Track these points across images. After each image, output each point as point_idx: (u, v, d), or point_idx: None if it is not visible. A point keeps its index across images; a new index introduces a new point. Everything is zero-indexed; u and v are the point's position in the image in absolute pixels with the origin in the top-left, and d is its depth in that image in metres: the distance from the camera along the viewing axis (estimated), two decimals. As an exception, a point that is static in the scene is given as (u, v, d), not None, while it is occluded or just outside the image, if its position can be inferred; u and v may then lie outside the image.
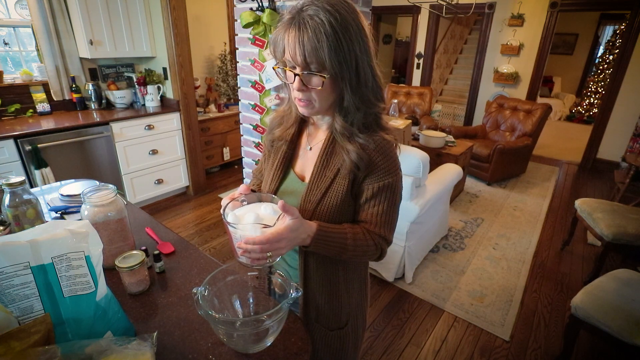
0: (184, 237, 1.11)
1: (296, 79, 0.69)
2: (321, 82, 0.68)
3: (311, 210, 0.77)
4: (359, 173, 0.76)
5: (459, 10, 4.28)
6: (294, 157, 0.86)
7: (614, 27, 7.15)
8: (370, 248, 0.77)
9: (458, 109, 6.45)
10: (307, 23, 0.63)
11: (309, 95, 0.71)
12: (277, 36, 0.70)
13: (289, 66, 0.70)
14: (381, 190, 0.76)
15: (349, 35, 0.65)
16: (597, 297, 1.62)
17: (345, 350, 0.94)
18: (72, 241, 0.63)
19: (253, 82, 1.87)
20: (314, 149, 0.83)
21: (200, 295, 0.68)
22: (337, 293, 0.87)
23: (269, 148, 0.91)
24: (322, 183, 0.78)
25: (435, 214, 2.53)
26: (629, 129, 4.27)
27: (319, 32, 0.63)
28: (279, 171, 0.84)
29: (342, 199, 0.77)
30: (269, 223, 0.69)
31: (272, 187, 0.84)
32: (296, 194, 0.81)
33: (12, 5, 2.66)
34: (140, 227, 1.19)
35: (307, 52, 0.64)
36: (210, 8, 3.88)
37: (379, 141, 0.75)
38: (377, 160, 0.75)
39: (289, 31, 0.66)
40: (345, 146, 0.75)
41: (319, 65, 0.66)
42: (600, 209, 2.40)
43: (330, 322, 0.90)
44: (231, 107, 4.02)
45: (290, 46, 0.66)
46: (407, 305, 2.16)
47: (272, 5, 1.63)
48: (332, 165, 0.78)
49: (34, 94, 2.72)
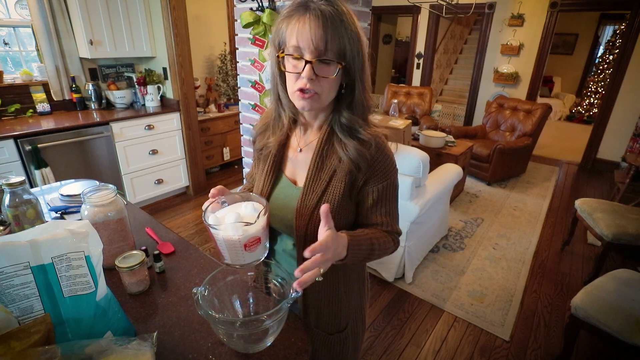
0: (184, 237, 1.11)
1: (307, 67, 0.66)
2: (336, 70, 0.67)
3: (308, 215, 0.75)
4: (359, 175, 0.74)
5: (459, 10, 4.28)
6: (284, 160, 0.84)
7: (614, 27, 7.15)
8: (390, 245, 0.80)
9: (458, 109, 6.45)
10: (324, 11, 0.63)
11: (317, 86, 0.68)
12: (284, 23, 0.68)
13: (297, 54, 0.67)
14: (386, 190, 0.77)
15: (357, 29, 0.67)
16: (597, 297, 1.62)
17: (345, 353, 0.93)
18: (72, 241, 0.63)
19: (253, 82, 1.86)
20: (305, 151, 0.80)
21: (200, 295, 0.68)
22: (336, 295, 0.86)
23: (257, 154, 0.89)
24: (318, 186, 0.76)
25: (435, 214, 2.53)
26: (629, 129, 4.27)
27: (339, 21, 0.63)
28: (270, 176, 0.82)
29: (339, 202, 0.75)
30: (250, 221, 0.68)
31: (264, 194, 0.82)
32: (290, 199, 0.79)
33: (12, 5, 2.66)
34: (140, 227, 1.19)
35: (329, 36, 0.64)
36: (210, 8, 3.88)
37: (377, 138, 0.75)
38: (378, 159, 0.74)
39: (304, 18, 0.64)
40: (345, 142, 0.73)
41: (338, 53, 0.66)
42: (600, 209, 2.40)
43: (330, 326, 0.89)
44: (231, 107, 4.02)
45: (305, 32, 0.64)
46: (407, 305, 2.16)
47: (272, 5, 1.63)
48: (326, 168, 0.76)
49: (34, 94, 2.72)
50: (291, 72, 0.69)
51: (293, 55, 0.67)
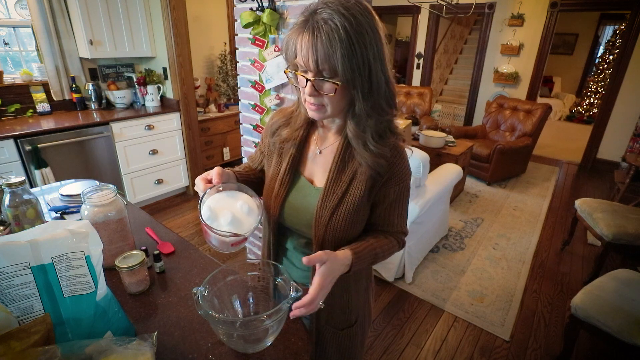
0: (184, 237, 1.11)
1: (308, 84, 0.67)
2: (334, 89, 0.66)
3: (327, 216, 0.76)
4: (379, 178, 0.75)
5: (459, 10, 4.28)
6: (302, 160, 0.84)
7: (614, 27, 7.15)
8: (394, 249, 0.83)
9: (458, 109, 6.45)
10: (320, 27, 0.61)
11: (321, 100, 0.69)
12: (290, 39, 0.67)
13: (301, 70, 0.68)
14: (400, 193, 0.79)
15: (364, 40, 0.62)
16: (597, 297, 1.62)
17: (354, 347, 0.95)
18: (72, 241, 0.63)
19: (253, 82, 1.86)
20: (325, 153, 0.81)
21: (200, 295, 0.68)
22: (347, 290, 0.87)
23: (270, 148, 0.87)
24: (339, 188, 0.76)
25: (435, 214, 2.52)
26: (629, 129, 4.27)
27: (332, 38, 0.60)
28: (288, 175, 0.82)
29: (358, 204, 0.76)
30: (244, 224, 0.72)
31: (282, 192, 0.82)
32: (308, 199, 0.80)
33: (12, 5, 2.66)
34: (140, 227, 1.19)
35: (320, 58, 0.62)
36: (210, 8, 3.88)
37: (393, 146, 0.75)
38: (396, 163, 0.75)
39: (302, 35, 0.64)
40: (361, 152, 0.73)
41: (331, 72, 0.64)
42: (600, 209, 2.40)
43: (340, 322, 0.90)
44: (231, 107, 4.02)
45: (303, 51, 0.64)
46: (407, 305, 2.15)
47: (272, 5, 1.62)
48: (347, 170, 0.76)
49: (34, 94, 2.72)
50: (296, 85, 0.72)
51: (295, 72, 0.69)
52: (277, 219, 0.84)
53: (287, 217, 0.83)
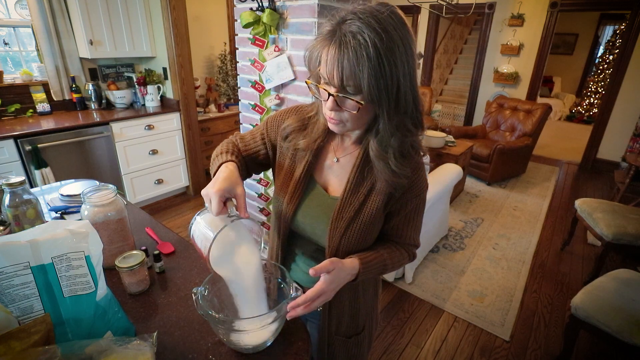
0: (184, 237, 1.11)
1: (330, 99, 0.63)
2: (357, 107, 0.62)
3: (343, 227, 0.74)
4: (396, 192, 0.74)
5: (459, 10, 4.28)
6: (317, 167, 0.81)
7: (614, 27, 7.15)
8: (404, 258, 0.82)
9: (458, 109, 6.45)
10: (348, 42, 0.56)
11: (341, 116, 0.66)
12: (314, 49, 0.64)
13: (324, 82, 0.64)
14: (416, 206, 0.78)
15: (394, 58, 0.57)
16: (597, 297, 1.62)
17: (362, 353, 0.96)
18: (72, 241, 0.63)
19: (253, 82, 1.86)
20: (343, 162, 0.78)
21: (200, 295, 0.68)
22: (355, 299, 0.87)
23: (282, 151, 0.83)
24: (356, 199, 0.74)
25: (435, 214, 2.52)
26: (629, 129, 4.27)
27: (360, 55, 0.55)
28: (303, 182, 0.79)
29: (374, 216, 0.75)
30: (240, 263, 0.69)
31: (295, 198, 0.79)
32: (324, 208, 0.78)
33: (12, 5, 2.66)
34: (140, 227, 1.19)
35: (345, 75, 0.58)
36: (210, 8, 3.88)
37: (414, 164, 0.73)
38: (414, 179, 0.74)
39: (328, 47, 0.59)
40: (381, 170, 0.71)
41: (356, 89, 0.59)
42: (600, 209, 2.40)
43: (349, 330, 0.90)
44: (231, 107, 4.01)
45: (328, 65, 0.60)
46: (407, 305, 2.15)
47: (272, 5, 1.63)
48: (366, 182, 0.75)
49: (34, 94, 2.72)
50: (319, 97, 0.70)
51: (318, 85, 0.66)
52: (289, 224, 0.82)
53: (299, 225, 0.81)
